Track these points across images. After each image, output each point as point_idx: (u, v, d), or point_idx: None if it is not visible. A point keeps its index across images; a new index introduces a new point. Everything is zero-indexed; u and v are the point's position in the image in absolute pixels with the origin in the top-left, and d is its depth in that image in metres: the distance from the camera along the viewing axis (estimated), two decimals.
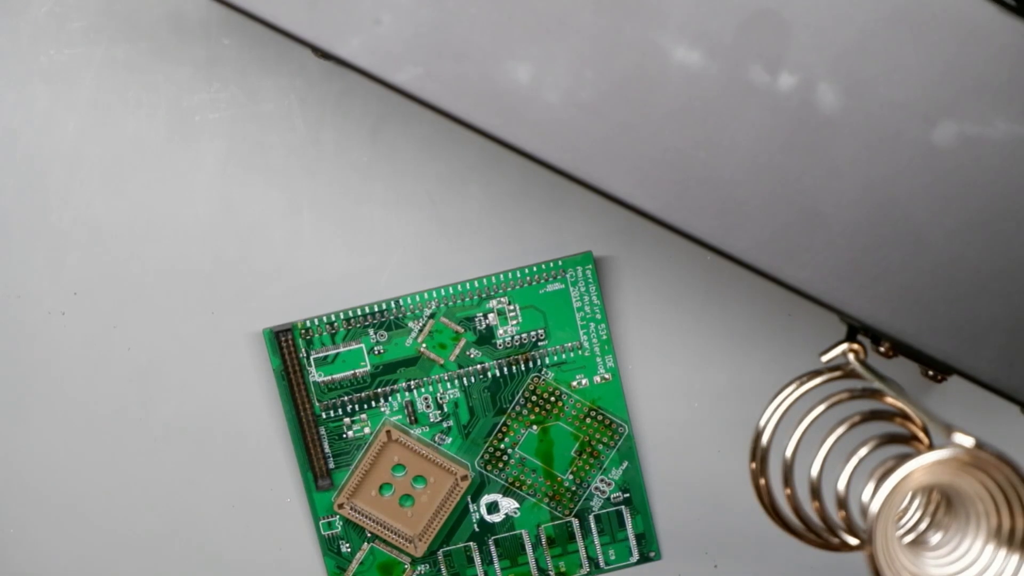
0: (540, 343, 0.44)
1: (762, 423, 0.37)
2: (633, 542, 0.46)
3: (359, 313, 0.44)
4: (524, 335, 0.44)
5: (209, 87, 0.43)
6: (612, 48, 0.35)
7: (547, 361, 0.44)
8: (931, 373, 0.38)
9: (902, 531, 0.38)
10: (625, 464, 0.45)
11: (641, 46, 0.35)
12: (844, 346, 0.38)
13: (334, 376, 0.44)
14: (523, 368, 0.44)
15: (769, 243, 0.36)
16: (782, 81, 0.35)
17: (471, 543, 0.45)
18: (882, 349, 0.37)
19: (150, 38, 0.43)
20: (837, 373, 0.38)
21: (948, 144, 0.35)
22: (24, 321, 0.44)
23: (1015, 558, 0.35)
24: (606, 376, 0.45)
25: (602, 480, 0.45)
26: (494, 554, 0.46)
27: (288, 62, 0.43)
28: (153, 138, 0.43)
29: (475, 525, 0.45)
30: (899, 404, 0.37)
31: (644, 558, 0.46)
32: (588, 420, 0.45)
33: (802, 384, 0.38)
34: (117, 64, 0.43)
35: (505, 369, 0.45)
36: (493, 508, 0.45)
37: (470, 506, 0.45)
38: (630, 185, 0.36)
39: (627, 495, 0.45)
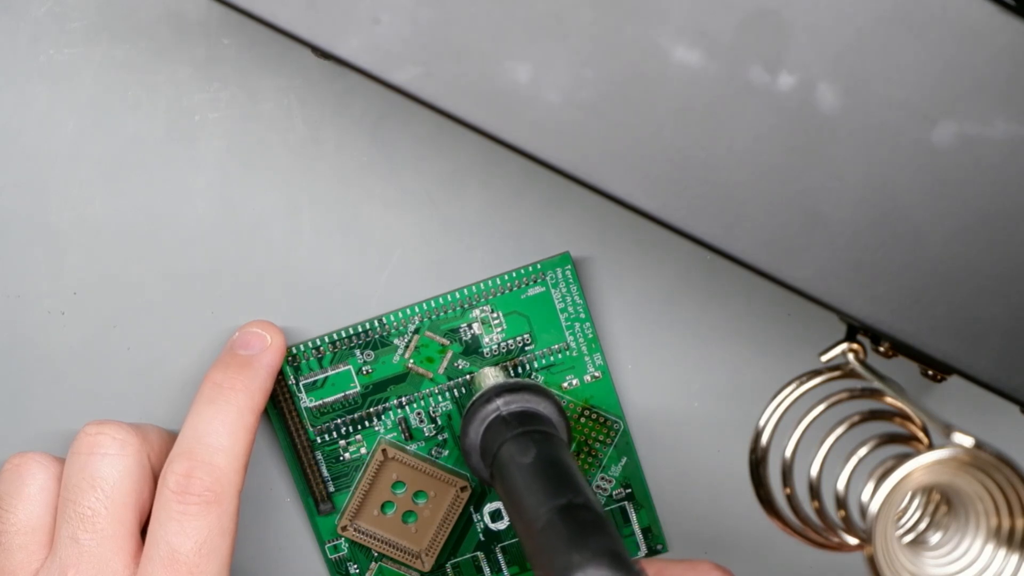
0: (527, 347, 0.44)
1: (762, 423, 0.37)
2: (640, 536, 0.46)
3: (344, 335, 0.44)
4: (510, 341, 0.44)
5: (209, 87, 0.43)
6: (612, 48, 0.35)
7: (536, 365, 0.44)
8: (931, 373, 0.38)
9: (902, 531, 0.38)
10: (624, 460, 0.45)
11: (641, 46, 0.35)
12: (844, 346, 0.38)
13: (325, 400, 0.44)
14: (512, 374, 0.44)
15: (769, 243, 0.36)
16: (782, 81, 0.35)
17: (478, 552, 0.45)
18: (882, 349, 0.37)
19: (150, 38, 0.43)
20: (837, 373, 0.38)
21: (948, 144, 0.35)
22: (24, 321, 0.44)
23: (1015, 558, 0.35)
24: (596, 374, 0.45)
25: (603, 478, 0.45)
26: (502, 562, 0.46)
27: (288, 62, 0.43)
28: (153, 138, 0.43)
29: (480, 535, 0.45)
30: (899, 404, 0.37)
31: (652, 551, 0.46)
32: (583, 420, 0.45)
33: (802, 384, 0.38)
34: (117, 64, 0.43)
35: None
36: (497, 516, 0.45)
37: (473, 516, 0.45)
38: (630, 185, 0.36)
39: (629, 490, 0.45)
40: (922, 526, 0.37)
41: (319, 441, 0.44)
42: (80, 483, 0.41)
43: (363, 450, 0.45)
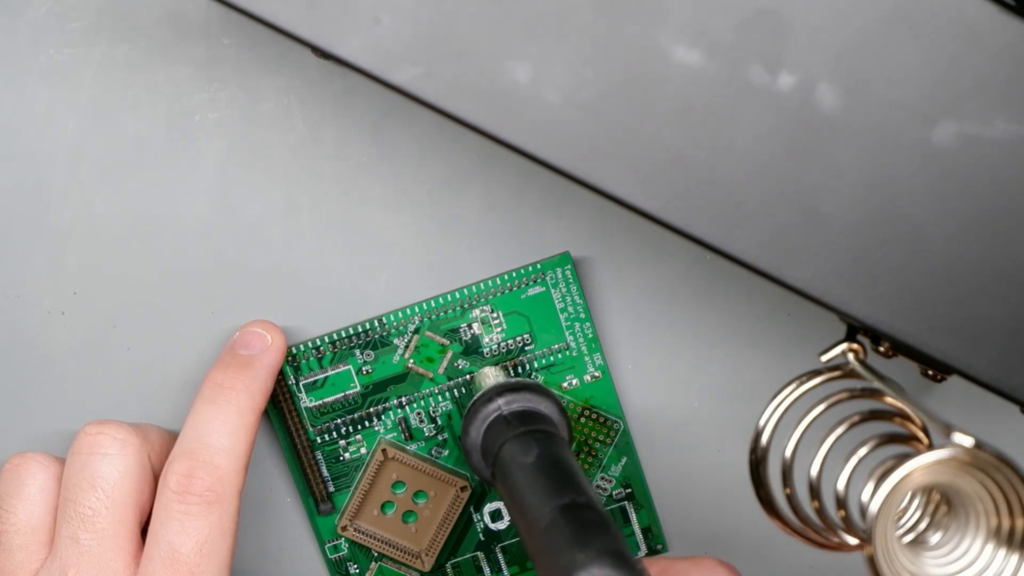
0: (527, 347, 0.44)
1: (762, 423, 0.37)
2: (640, 536, 0.46)
3: (344, 335, 0.44)
4: (510, 341, 0.44)
5: (209, 87, 0.43)
6: (612, 48, 0.35)
7: (536, 365, 0.44)
8: (931, 373, 0.38)
9: (902, 531, 0.38)
10: (624, 460, 0.45)
11: (641, 46, 0.35)
12: (844, 346, 0.38)
13: (325, 400, 0.44)
14: (512, 374, 0.44)
15: (769, 243, 0.36)
16: (782, 81, 0.35)
17: (478, 552, 0.45)
18: (882, 349, 0.37)
19: (150, 38, 0.43)
20: (837, 373, 0.38)
21: (948, 144, 0.35)
22: (24, 321, 0.44)
23: (1015, 558, 0.35)
24: (596, 374, 0.45)
25: (603, 478, 0.45)
26: (502, 561, 0.46)
27: (288, 62, 0.43)
28: (153, 138, 0.43)
29: (480, 535, 0.45)
30: (899, 404, 0.37)
31: (652, 551, 0.46)
32: (583, 419, 0.45)
33: (802, 384, 0.38)
34: (117, 64, 0.43)
35: None
36: (497, 516, 0.45)
37: (473, 516, 0.45)
38: (630, 185, 0.36)
39: (629, 490, 0.46)
40: (922, 526, 0.37)
41: (319, 441, 0.44)
42: (80, 483, 0.41)
43: (363, 450, 0.45)
